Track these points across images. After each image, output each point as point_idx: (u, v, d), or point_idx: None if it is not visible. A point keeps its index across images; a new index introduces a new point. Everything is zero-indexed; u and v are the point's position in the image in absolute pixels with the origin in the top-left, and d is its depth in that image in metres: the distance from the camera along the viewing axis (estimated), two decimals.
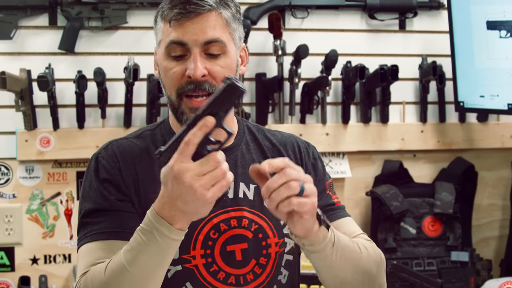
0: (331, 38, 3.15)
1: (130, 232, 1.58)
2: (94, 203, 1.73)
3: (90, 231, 1.70)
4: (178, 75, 1.71)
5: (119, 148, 1.79)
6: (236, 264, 1.76)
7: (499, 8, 2.83)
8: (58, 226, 2.96)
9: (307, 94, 3.09)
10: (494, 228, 3.38)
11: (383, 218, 3.05)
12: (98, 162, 1.77)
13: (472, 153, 3.32)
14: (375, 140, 3.18)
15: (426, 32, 3.26)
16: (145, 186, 1.74)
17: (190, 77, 1.68)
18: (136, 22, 2.98)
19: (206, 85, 1.69)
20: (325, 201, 1.85)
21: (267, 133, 1.92)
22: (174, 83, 1.72)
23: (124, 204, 1.72)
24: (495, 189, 3.38)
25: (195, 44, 1.68)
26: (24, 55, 2.90)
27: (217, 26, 1.70)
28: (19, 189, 2.93)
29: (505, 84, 2.88)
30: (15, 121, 2.88)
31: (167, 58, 1.72)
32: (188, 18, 1.67)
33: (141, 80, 2.92)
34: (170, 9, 1.69)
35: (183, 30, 1.68)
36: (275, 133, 1.93)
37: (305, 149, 1.91)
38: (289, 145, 1.90)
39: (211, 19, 1.69)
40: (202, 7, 1.67)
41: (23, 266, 2.93)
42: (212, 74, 1.70)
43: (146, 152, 1.79)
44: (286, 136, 1.93)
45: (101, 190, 1.73)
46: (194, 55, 1.68)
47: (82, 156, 2.92)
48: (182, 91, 1.71)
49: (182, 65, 1.70)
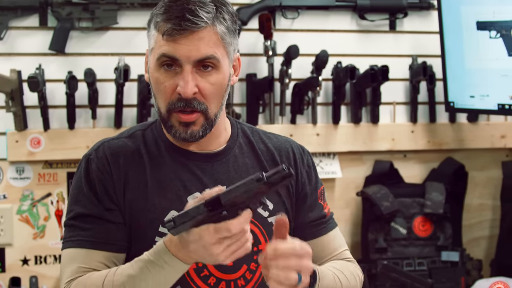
0: (321, 39, 3.15)
1: (115, 244, 1.70)
2: (83, 207, 1.74)
3: (76, 235, 1.72)
4: (168, 90, 1.70)
5: (111, 149, 1.79)
6: (227, 269, 1.75)
7: (489, 8, 2.84)
8: (48, 226, 2.95)
9: (297, 94, 3.09)
10: (484, 228, 3.39)
11: (373, 218, 3.06)
12: (89, 165, 1.77)
13: (462, 153, 3.33)
14: (366, 140, 3.19)
15: (416, 32, 3.26)
16: (133, 190, 1.75)
17: (180, 94, 1.68)
18: (127, 22, 2.98)
19: (195, 102, 1.69)
20: (316, 214, 1.88)
21: (262, 136, 1.91)
22: (164, 97, 1.71)
23: (112, 214, 1.74)
24: (485, 189, 3.39)
25: (188, 61, 1.66)
26: (15, 55, 2.90)
27: (211, 43, 1.67)
28: (9, 190, 2.92)
29: (495, 85, 2.89)
30: (6, 121, 2.88)
31: (158, 69, 1.70)
32: (182, 34, 1.65)
33: (132, 80, 2.92)
34: (164, 21, 1.67)
35: (176, 46, 1.66)
36: (271, 136, 1.93)
37: (300, 156, 1.91)
38: (284, 150, 1.89)
39: (205, 36, 1.66)
40: (196, 24, 1.64)
41: (13, 267, 2.93)
42: (202, 91, 1.69)
43: (137, 153, 1.79)
44: (282, 140, 1.92)
45: (90, 196, 1.74)
46: (186, 72, 1.67)
47: (73, 157, 2.91)
48: (172, 108, 1.70)
49: (173, 79, 1.69)
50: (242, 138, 1.88)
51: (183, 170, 1.79)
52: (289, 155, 1.89)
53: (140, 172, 1.77)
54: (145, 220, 1.74)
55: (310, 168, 1.92)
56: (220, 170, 1.81)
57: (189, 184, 1.78)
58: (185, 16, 1.64)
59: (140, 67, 2.91)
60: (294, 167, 1.87)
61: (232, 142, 1.86)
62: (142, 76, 2.91)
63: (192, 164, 1.80)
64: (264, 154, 1.87)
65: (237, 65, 1.82)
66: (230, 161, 1.83)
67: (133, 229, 1.75)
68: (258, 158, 1.86)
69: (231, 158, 1.84)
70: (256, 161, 1.85)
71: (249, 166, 1.84)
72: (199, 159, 1.81)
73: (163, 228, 1.73)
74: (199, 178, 1.79)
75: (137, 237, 1.75)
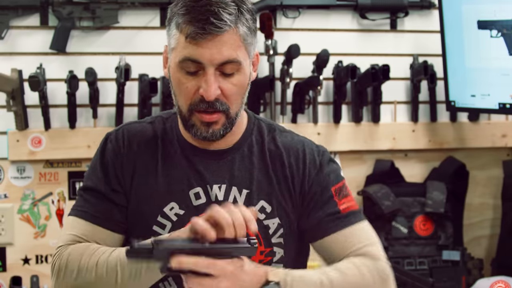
0: (322, 38, 3.15)
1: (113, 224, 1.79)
2: (93, 183, 1.83)
3: (82, 206, 1.82)
4: (191, 91, 1.70)
5: (129, 132, 1.86)
6: None
7: (490, 7, 2.83)
8: (49, 226, 2.95)
9: (298, 93, 3.09)
10: (485, 227, 3.39)
11: (374, 217, 3.05)
12: (106, 144, 1.86)
13: (463, 152, 3.32)
14: (367, 139, 3.19)
15: (417, 31, 3.26)
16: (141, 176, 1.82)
17: (203, 96, 1.68)
18: (128, 22, 2.98)
19: (218, 103, 1.70)
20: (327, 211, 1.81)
21: (277, 135, 1.89)
22: (186, 98, 1.72)
23: (117, 196, 1.81)
24: (486, 188, 3.39)
25: (211, 64, 1.67)
26: (16, 55, 2.90)
27: (234, 46, 1.68)
28: (10, 189, 2.93)
29: (496, 84, 2.89)
30: (7, 121, 2.88)
31: (180, 70, 1.71)
32: (206, 38, 1.64)
33: (133, 80, 2.92)
34: (187, 23, 1.66)
35: (199, 49, 1.66)
36: (287, 135, 1.91)
37: (311, 157, 1.86)
38: (293, 150, 1.86)
39: (228, 39, 1.66)
40: (220, 28, 1.64)
41: (14, 266, 2.93)
42: (224, 92, 1.70)
43: (153, 140, 1.85)
44: (296, 140, 1.90)
45: (101, 174, 1.82)
46: (209, 75, 1.67)
47: (74, 156, 2.92)
48: (194, 108, 1.71)
49: (195, 80, 1.69)
50: (256, 136, 1.87)
51: (189, 164, 1.81)
52: (298, 155, 1.86)
53: (151, 159, 1.82)
54: (146, 207, 1.79)
55: (323, 167, 1.86)
56: (224, 168, 1.82)
57: (192, 179, 1.80)
58: (209, 19, 1.63)
59: (141, 66, 2.94)
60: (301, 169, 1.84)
61: (243, 140, 1.86)
62: (143, 75, 2.91)
63: (198, 159, 1.82)
64: (272, 154, 1.85)
65: (255, 61, 1.82)
66: (236, 160, 1.83)
67: (135, 214, 1.81)
68: (264, 159, 1.85)
69: (237, 156, 1.84)
70: (262, 163, 1.84)
71: (255, 167, 1.83)
72: (206, 155, 1.82)
73: (161, 218, 1.78)
74: (201, 174, 1.80)
75: (137, 222, 1.80)
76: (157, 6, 2.97)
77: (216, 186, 1.80)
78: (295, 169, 1.84)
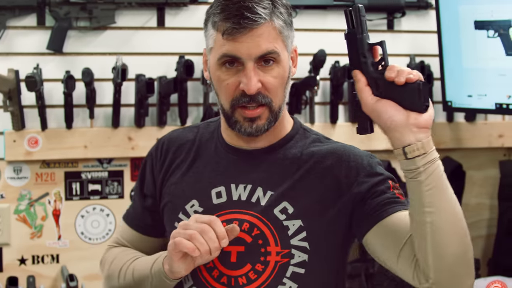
0: (319, 38, 3.15)
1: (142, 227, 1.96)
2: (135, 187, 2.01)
3: (128, 210, 2.03)
4: (231, 87, 1.72)
5: (170, 137, 1.95)
6: (230, 265, 1.76)
7: (487, 8, 2.84)
8: (46, 226, 2.95)
9: (295, 94, 3.09)
10: (482, 227, 3.39)
11: None
12: (152, 149, 1.97)
13: (460, 152, 3.33)
14: (363, 139, 3.16)
15: (414, 32, 3.26)
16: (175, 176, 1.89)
17: (244, 91, 1.69)
18: (125, 22, 2.97)
19: (260, 97, 1.71)
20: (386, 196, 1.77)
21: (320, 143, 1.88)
22: (228, 94, 1.73)
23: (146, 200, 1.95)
24: (483, 188, 3.39)
25: (249, 58, 1.68)
26: (12, 55, 2.89)
27: (270, 38, 1.69)
28: (7, 190, 2.92)
29: (492, 84, 2.89)
30: (3, 121, 2.87)
31: (220, 68, 1.72)
32: (242, 33, 1.66)
33: (129, 80, 2.91)
34: (223, 21, 1.68)
35: (237, 44, 1.67)
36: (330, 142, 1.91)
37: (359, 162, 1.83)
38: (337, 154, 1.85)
39: (265, 32, 1.68)
40: (255, 21, 1.66)
41: (11, 267, 2.92)
42: (265, 85, 1.71)
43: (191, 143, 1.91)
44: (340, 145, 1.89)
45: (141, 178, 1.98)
46: (248, 70, 1.68)
47: (70, 156, 2.92)
48: (236, 103, 1.72)
49: (235, 76, 1.71)
50: (297, 143, 1.86)
51: (218, 163, 1.84)
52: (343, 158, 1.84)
53: (185, 159, 1.89)
54: (174, 204, 1.86)
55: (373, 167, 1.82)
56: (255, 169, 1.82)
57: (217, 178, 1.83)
58: (243, 14, 1.65)
59: (138, 66, 2.94)
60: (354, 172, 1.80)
61: (282, 142, 1.85)
62: (140, 76, 2.91)
63: (231, 159, 1.84)
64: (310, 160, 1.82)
65: (294, 56, 1.84)
66: (269, 161, 1.82)
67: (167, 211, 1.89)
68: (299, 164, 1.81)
69: (271, 158, 1.83)
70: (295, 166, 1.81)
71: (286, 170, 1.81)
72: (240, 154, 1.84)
73: (182, 215, 1.84)
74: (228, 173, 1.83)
75: (168, 218, 1.88)
76: (154, 6, 2.97)
77: (242, 186, 1.80)
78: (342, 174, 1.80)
